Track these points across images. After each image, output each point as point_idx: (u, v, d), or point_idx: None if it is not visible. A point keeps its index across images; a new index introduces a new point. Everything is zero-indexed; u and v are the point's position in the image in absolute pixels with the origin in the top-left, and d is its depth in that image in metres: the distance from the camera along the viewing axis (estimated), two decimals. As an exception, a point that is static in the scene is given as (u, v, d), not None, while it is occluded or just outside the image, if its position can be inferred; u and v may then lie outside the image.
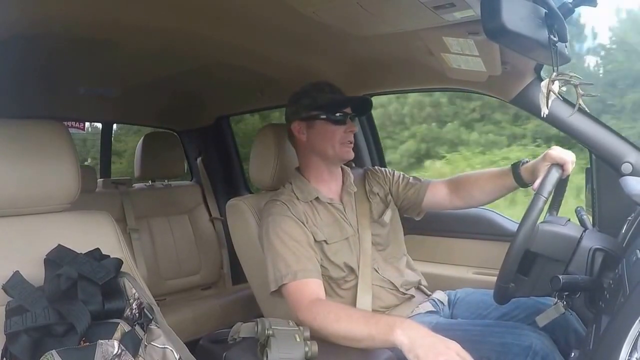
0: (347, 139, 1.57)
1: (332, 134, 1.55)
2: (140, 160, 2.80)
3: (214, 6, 1.42)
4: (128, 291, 1.14)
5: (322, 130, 1.56)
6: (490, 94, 1.81)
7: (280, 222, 1.48)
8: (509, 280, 1.27)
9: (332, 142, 1.56)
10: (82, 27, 1.55)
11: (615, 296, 0.96)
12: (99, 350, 0.97)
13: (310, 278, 1.41)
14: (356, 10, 1.29)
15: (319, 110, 1.56)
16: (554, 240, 1.26)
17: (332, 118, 1.55)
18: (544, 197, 1.26)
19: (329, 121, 1.55)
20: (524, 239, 1.24)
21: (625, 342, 0.80)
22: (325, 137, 1.56)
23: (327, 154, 1.58)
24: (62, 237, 1.19)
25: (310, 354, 1.10)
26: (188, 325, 2.24)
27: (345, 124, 1.56)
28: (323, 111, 1.56)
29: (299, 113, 1.59)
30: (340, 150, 1.56)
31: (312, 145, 1.59)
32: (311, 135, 1.59)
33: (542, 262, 1.27)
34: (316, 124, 1.57)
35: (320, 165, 1.62)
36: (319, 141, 1.58)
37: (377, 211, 1.66)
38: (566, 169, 1.36)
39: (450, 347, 1.09)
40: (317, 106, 1.57)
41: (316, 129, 1.57)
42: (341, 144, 1.56)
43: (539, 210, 1.25)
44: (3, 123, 1.22)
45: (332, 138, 1.55)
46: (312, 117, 1.57)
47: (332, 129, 1.55)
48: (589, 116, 1.58)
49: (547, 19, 1.08)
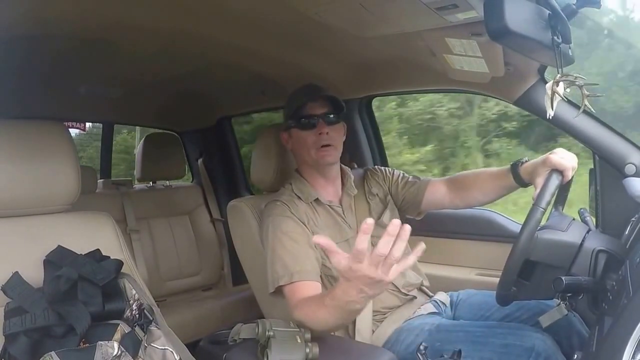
0: (321, 143, 1.54)
1: (304, 140, 1.56)
2: (141, 161, 2.80)
3: (216, 7, 1.42)
4: (128, 292, 1.14)
5: (297, 138, 1.58)
6: (493, 95, 1.81)
7: (280, 223, 1.48)
8: (510, 288, 1.26)
9: (307, 148, 1.55)
10: (84, 28, 1.55)
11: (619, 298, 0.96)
12: (99, 351, 0.96)
13: (307, 280, 1.40)
14: (359, 11, 1.28)
15: (290, 119, 1.58)
16: (553, 249, 1.25)
17: (300, 124, 1.56)
18: (542, 209, 1.25)
19: (297, 128, 1.57)
20: (523, 249, 1.23)
21: (628, 344, 0.79)
22: (300, 145, 1.58)
23: (306, 160, 1.59)
24: (62, 238, 1.19)
25: (311, 355, 1.10)
26: (188, 326, 2.24)
27: (314, 127, 1.54)
28: (293, 119, 1.57)
29: (284, 124, 1.63)
30: (316, 155, 1.55)
31: (295, 154, 1.63)
32: (292, 144, 1.62)
33: (543, 268, 1.26)
34: (292, 132, 1.60)
35: (312, 171, 1.62)
36: (297, 149, 1.61)
37: (376, 212, 1.66)
38: (566, 176, 1.34)
39: None
40: (288, 114, 1.59)
41: (293, 137, 1.60)
42: (316, 149, 1.54)
43: (537, 221, 1.24)
44: (3, 123, 1.21)
45: (305, 144, 1.56)
46: (288, 127, 1.60)
47: (303, 135, 1.56)
48: (592, 117, 1.57)
49: (550, 20, 1.08)
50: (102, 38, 1.67)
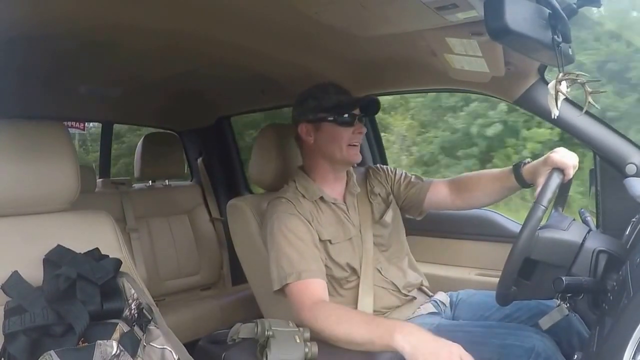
0: (354, 141, 1.55)
1: (339, 136, 1.54)
2: (141, 160, 2.79)
3: (216, 6, 1.42)
4: (127, 291, 1.13)
5: (330, 133, 1.55)
6: (493, 95, 1.81)
7: (285, 220, 1.47)
8: (510, 286, 1.26)
9: (340, 144, 1.54)
10: (84, 28, 1.55)
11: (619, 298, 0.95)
12: (98, 350, 0.96)
13: (314, 278, 1.39)
14: (359, 10, 1.28)
15: (325, 112, 1.55)
16: (554, 247, 1.25)
17: (340, 120, 1.54)
18: (543, 207, 1.25)
19: (336, 123, 1.54)
20: (524, 248, 1.23)
21: (628, 345, 0.79)
22: (333, 140, 1.55)
23: (335, 156, 1.56)
24: (61, 237, 1.19)
25: (310, 355, 1.10)
26: (187, 325, 2.23)
27: (352, 125, 1.55)
28: (330, 113, 1.54)
29: (306, 115, 1.58)
30: (347, 152, 1.55)
31: (320, 148, 1.58)
32: (318, 138, 1.57)
33: (543, 267, 1.26)
34: (323, 126, 1.56)
35: (327, 167, 1.60)
36: (326, 143, 1.56)
37: (378, 212, 1.65)
38: (567, 174, 1.34)
39: (453, 351, 1.08)
40: (324, 108, 1.55)
41: (323, 131, 1.56)
42: (348, 146, 1.55)
43: (538, 219, 1.24)
44: (3, 123, 1.21)
45: (340, 140, 1.54)
46: (319, 119, 1.56)
47: (340, 131, 1.54)
48: (593, 117, 1.58)
49: (550, 19, 1.08)
50: (101, 38, 1.66)
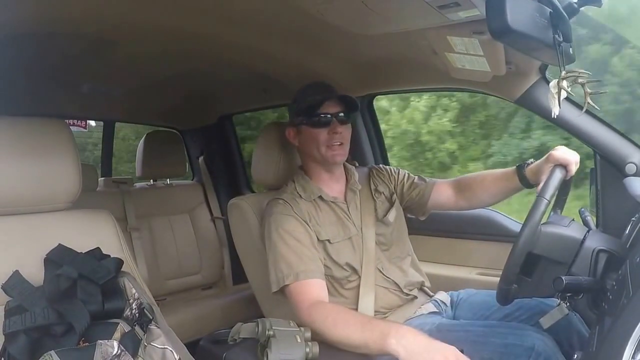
0: (332, 142, 1.54)
1: (315, 137, 1.55)
2: (142, 159, 2.79)
3: (218, 5, 1.42)
4: (128, 291, 1.13)
5: (307, 135, 1.57)
6: (494, 94, 1.80)
7: (282, 222, 1.48)
8: (512, 282, 1.26)
9: (317, 145, 1.55)
10: (87, 27, 1.55)
11: (619, 297, 0.96)
12: (99, 350, 0.96)
13: (313, 279, 1.40)
14: (361, 9, 1.28)
15: (301, 116, 1.57)
16: (556, 242, 1.25)
17: (312, 121, 1.55)
18: (546, 200, 1.26)
19: (309, 125, 1.56)
20: (526, 241, 1.23)
21: (628, 344, 0.79)
22: (310, 141, 1.57)
23: (315, 157, 1.58)
24: (62, 236, 1.19)
25: (311, 355, 1.10)
26: (188, 325, 2.23)
27: (327, 125, 1.54)
28: (304, 115, 1.56)
29: (291, 119, 1.63)
30: (326, 153, 1.55)
31: (303, 150, 1.62)
32: (300, 141, 1.61)
33: (545, 263, 1.26)
34: (302, 129, 1.59)
35: (318, 168, 1.62)
36: (306, 146, 1.59)
37: (381, 210, 1.65)
38: (569, 170, 1.36)
39: (447, 354, 1.07)
40: (299, 111, 1.58)
41: (303, 134, 1.59)
42: (327, 146, 1.54)
43: (541, 212, 1.25)
44: (4, 121, 1.21)
45: (316, 142, 1.55)
46: (298, 123, 1.59)
47: (314, 132, 1.55)
48: (593, 116, 1.57)
49: (552, 18, 1.08)
50: (104, 37, 1.67)
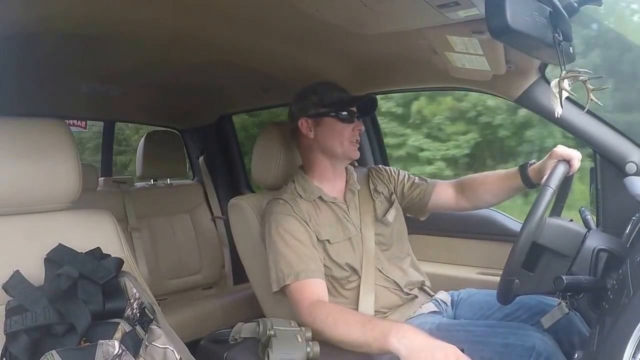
0: (354, 138, 1.58)
1: (340, 131, 1.56)
2: (142, 159, 2.79)
3: (218, 5, 1.42)
4: (129, 291, 1.13)
5: (331, 128, 1.57)
6: (494, 94, 1.80)
7: (282, 221, 1.48)
8: (515, 273, 1.25)
9: (341, 139, 1.56)
10: (85, 25, 1.54)
11: (619, 297, 0.96)
12: (100, 350, 0.96)
13: (313, 278, 1.40)
14: (360, 8, 1.28)
15: (327, 108, 1.57)
16: (561, 234, 1.25)
17: (341, 116, 1.56)
18: (551, 189, 1.25)
19: (337, 119, 1.56)
20: (532, 230, 1.22)
21: (629, 343, 0.79)
22: (334, 135, 1.56)
23: (335, 151, 1.58)
24: (63, 236, 1.19)
25: (312, 354, 1.10)
26: (189, 325, 2.24)
27: (352, 122, 1.57)
28: (332, 109, 1.57)
29: (307, 110, 1.59)
30: (348, 148, 1.57)
31: (319, 143, 1.59)
32: (319, 133, 1.59)
33: (548, 256, 1.26)
34: (324, 121, 1.57)
35: (326, 163, 1.61)
36: (326, 139, 1.58)
37: (380, 210, 1.65)
38: (573, 165, 1.36)
39: (448, 353, 1.06)
40: (326, 104, 1.57)
41: (324, 126, 1.57)
42: (349, 142, 1.57)
43: (547, 202, 1.24)
44: (4, 121, 1.21)
45: (341, 136, 1.56)
46: (320, 114, 1.58)
47: (341, 126, 1.56)
48: (593, 115, 1.57)
49: (551, 18, 1.08)
50: (103, 36, 1.66)
